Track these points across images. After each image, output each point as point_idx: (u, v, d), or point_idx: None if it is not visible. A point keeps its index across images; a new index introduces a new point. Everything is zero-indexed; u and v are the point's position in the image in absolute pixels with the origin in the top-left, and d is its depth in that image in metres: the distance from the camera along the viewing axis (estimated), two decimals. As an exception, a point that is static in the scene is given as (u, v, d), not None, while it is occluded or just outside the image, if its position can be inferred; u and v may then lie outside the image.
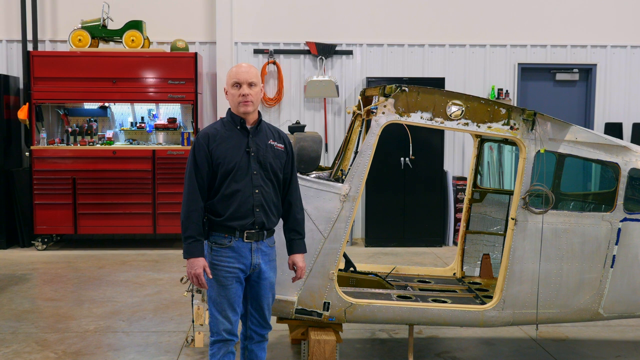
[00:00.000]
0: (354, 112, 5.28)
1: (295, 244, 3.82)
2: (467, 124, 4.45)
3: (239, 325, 3.75)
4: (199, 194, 3.55)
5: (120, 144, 9.22)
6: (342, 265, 5.32)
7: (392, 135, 5.60)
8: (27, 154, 8.97)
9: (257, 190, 3.60)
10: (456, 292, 5.19)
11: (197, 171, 3.56)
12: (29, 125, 8.85)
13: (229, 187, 3.56)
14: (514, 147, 8.36)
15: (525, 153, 4.47)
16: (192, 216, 3.54)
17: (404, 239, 9.31)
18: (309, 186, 4.41)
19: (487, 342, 5.53)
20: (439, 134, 9.21)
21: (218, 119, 4.08)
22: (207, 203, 3.60)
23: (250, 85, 3.61)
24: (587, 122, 10.05)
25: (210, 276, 3.57)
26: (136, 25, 9.04)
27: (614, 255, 4.63)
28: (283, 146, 3.76)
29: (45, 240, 9.03)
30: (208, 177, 3.58)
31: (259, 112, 3.74)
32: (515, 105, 7.62)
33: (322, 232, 4.40)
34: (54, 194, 8.83)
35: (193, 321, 4.93)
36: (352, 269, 5.39)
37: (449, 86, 9.48)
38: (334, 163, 5.50)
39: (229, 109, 3.73)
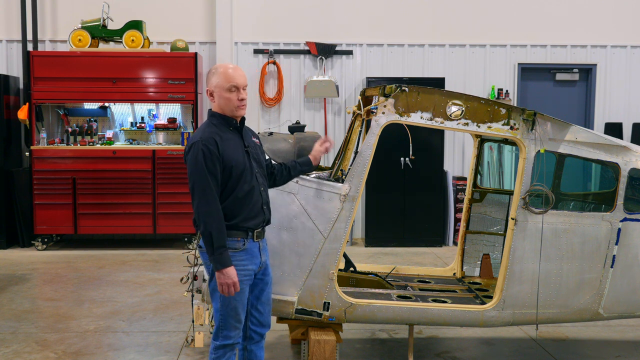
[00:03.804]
0: (354, 112, 5.28)
1: (302, 159, 4.08)
2: (467, 124, 4.45)
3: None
4: (218, 202, 3.48)
5: (120, 144, 9.22)
6: (342, 265, 5.32)
7: (392, 135, 5.59)
8: (27, 154, 8.97)
9: (262, 188, 3.68)
10: (456, 292, 5.19)
11: (213, 178, 3.46)
12: (29, 125, 8.85)
13: (242, 188, 3.56)
14: (514, 147, 8.36)
15: (525, 153, 4.47)
16: (219, 225, 3.45)
17: (404, 239, 9.31)
18: (308, 186, 4.41)
19: (487, 342, 5.53)
20: (439, 134, 9.21)
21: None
22: None
23: (244, 88, 3.63)
24: (587, 122, 10.05)
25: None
26: (136, 25, 9.04)
27: (614, 255, 4.63)
28: (259, 141, 3.86)
29: (45, 240, 9.03)
30: (220, 183, 3.52)
31: None
32: (515, 105, 7.62)
33: (322, 232, 4.40)
34: (54, 194, 8.83)
35: (193, 321, 4.93)
36: (352, 269, 5.39)
37: (449, 86, 9.48)
38: (334, 163, 5.50)
39: (210, 109, 3.69)
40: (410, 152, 5.15)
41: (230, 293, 3.48)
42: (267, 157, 3.96)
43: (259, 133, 4.55)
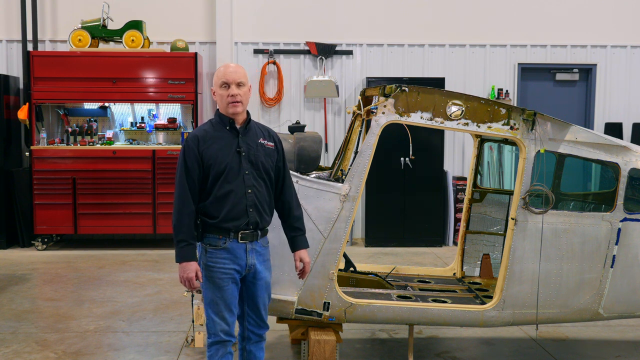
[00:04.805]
0: (354, 112, 5.28)
1: (299, 240, 3.83)
2: (467, 124, 4.45)
3: (236, 326, 3.75)
4: (190, 197, 3.53)
5: (120, 144, 9.22)
6: (342, 265, 5.32)
7: (392, 135, 5.59)
8: (27, 154, 8.97)
9: (249, 190, 3.59)
10: (456, 292, 5.19)
11: (187, 174, 3.54)
12: (29, 125, 8.85)
13: (222, 189, 3.55)
14: (514, 147, 8.36)
15: (525, 153, 4.47)
16: (184, 220, 3.52)
17: (404, 239, 9.31)
18: (309, 186, 4.41)
19: (487, 342, 5.53)
20: (439, 134, 9.21)
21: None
22: (200, 205, 3.58)
23: (239, 85, 3.59)
24: (587, 122, 10.05)
25: (201, 280, 3.57)
26: (136, 25, 9.04)
27: (614, 255, 4.63)
28: (273, 144, 3.76)
29: (45, 240, 9.03)
30: (199, 179, 3.56)
31: (247, 112, 3.73)
32: (515, 105, 7.62)
33: (322, 232, 4.40)
34: (54, 194, 8.83)
35: (193, 321, 4.93)
36: (352, 269, 5.39)
37: (449, 86, 9.48)
38: (334, 163, 5.50)
39: (217, 109, 3.71)
40: (410, 152, 5.15)
41: (187, 286, 3.57)
42: (283, 165, 3.81)
43: None
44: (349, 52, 9.80)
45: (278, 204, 3.81)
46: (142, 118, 9.36)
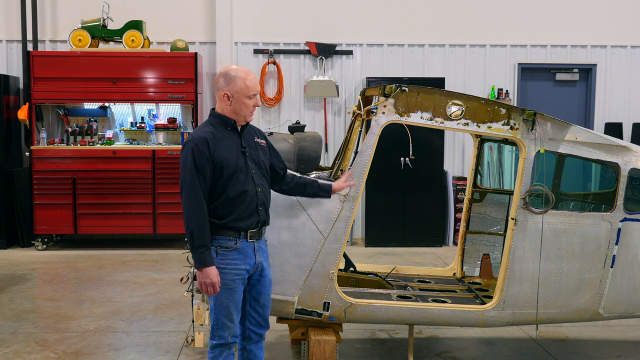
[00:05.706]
0: (354, 112, 5.28)
1: (323, 184, 4.03)
2: (467, 124, 4.45)
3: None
4: (204, 201, 3.51)
5: (120, 144, 9.22)
6: (342, 265, 5.32)
7: (392, 135, 5.60)
8: (27, 154, 8.97)
9: (259, 189, 3.66)
10: (456, 292, 5.19)
11: (200, 177, 3.50)
12: (29, 125, 8.85)
13: (234, 189, 3.56)
14: (514, 147, 8.36)
15: (525, 153, 4.47)
16: (203, 225, 3.49)
17: (404, 239, 9.31)
18: (309, 186, 4.40)
19: (487, 342, 5.53)
20: (439, 134, 9.21)
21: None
22: (208, 207, 3.57)
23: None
24: (587, 122, 10.05)
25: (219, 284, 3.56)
26: (136, 25, 9.04)
27: (614, 255, 4.63)
28: (265, 142, 3.86)
29: (45, 240, 9.03)
30: (209, 182, 3.55)
31: None
32: (515, 105, 7.62)
33: (322, 232, 4.40)
34: (54, 194, 8.83)
35: (193, 321, 4.93)
36: (352, 269, 5.39)
37: (449, 86, 9.48)
38: (334, 163, 5.50)
39: (212, 110, 3.73)
40: (410, 152, 5.15)
41: (210, 292, 3.53)
42: (280, 163, 3.95)
43: None
44: (349, 52, 9.80)
45: (293, 189, 3.97)
46: (142, 118, 9.36)
